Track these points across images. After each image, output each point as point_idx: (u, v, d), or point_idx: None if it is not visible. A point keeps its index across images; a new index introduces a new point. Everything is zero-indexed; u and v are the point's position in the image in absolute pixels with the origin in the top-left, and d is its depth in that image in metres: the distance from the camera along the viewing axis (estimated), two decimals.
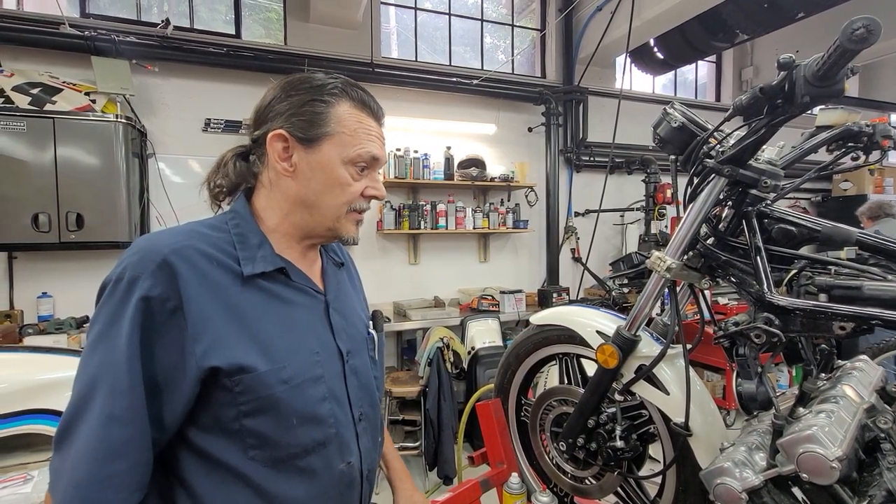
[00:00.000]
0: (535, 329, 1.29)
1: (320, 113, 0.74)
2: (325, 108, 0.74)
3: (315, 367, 0.74)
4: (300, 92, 0.75)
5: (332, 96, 0.75)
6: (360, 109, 0.76)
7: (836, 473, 0.66)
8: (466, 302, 4.00)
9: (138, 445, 0.62)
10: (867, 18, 0.62)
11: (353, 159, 0.75)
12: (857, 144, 0.99)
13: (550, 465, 1.28)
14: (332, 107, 0.74)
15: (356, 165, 0.76)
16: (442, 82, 4.04)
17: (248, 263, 0.72)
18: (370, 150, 0.76)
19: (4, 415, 1.41)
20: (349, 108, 0.75)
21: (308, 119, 0.73)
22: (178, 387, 0.64)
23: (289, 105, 0.74)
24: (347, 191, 0.76)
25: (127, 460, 0.61)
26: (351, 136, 0.75)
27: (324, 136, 0.74)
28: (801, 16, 3.75)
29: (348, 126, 0.75)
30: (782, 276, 0.87)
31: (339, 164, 0.75)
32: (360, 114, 0.76)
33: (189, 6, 3.63)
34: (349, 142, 0.75)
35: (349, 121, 0.75)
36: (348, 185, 0.76)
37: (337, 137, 0.74)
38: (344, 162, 0.75)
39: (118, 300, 0.63)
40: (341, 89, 0.75)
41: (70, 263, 3.11)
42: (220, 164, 0.81)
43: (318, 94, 0.74)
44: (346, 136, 0.74)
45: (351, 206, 0.78)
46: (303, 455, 0.72)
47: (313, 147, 0.74)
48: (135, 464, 0.62)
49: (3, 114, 2.66)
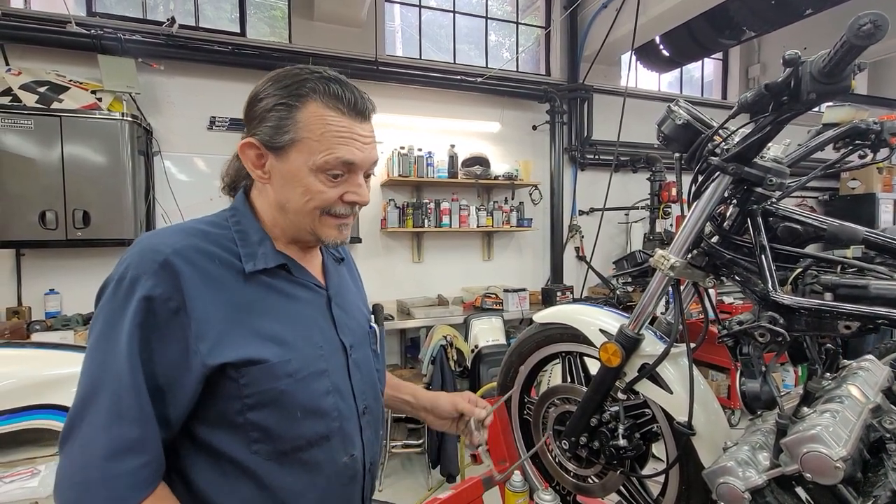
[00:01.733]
0: (539, 327, 1.29)
1: (286, 118, 0.69)
2: (291, 112, 0.69)
3: (319, 360, 0.75)
4: (270, 94, 0.70)
5: (300, 97, 0.69)
6: (331, 108, 0.69)
7: (839, 473, 0.65)
8: (470, 300, 4.00)
9: (148, 443, 0.63)
10: (874, 14, 0.62)
11: (321, 167, 0.69)
12: (864, 142, 0.98)
13: (553, 464, 1.27)
14: (298, 110, 0.69)
15: (326, 172, 0.70)
16: (446, 80, 4.04)
17: (250, 260, 0.72)
18: (340, 155, 0.69)
19: (12, 410, 1.43)
20: (318, 109, 0.69)
21: (274, 125, 0.69)
22: (182, 385, 0.65)
23: (259, 110, 0.71)
24: (318, 197, 0.71)
25: (138, 457, 0.62)
26: (318, 141, 0.69)
27: (290, 143, 0.69)
28: (809, 12, 3.71)
29: (314, 130, 0.69)
30: (787, 275, 0.87)
31: (306, 172, 0.70)
32: (330, 113, 0.69)
33: (194, 5, 3.64)
34: (315, 148, 0.69)
35: (315, 124, 0.69)
36: (319, 192, 0.71)
37: (303, 144, 0.69)
38: (311, 170, 0.69)
39: (120, 300, 0.63)
40: (311, 87, 0.69)
41: (77, 260, 3.14)
42: (227, 162, 0.84)
43: (285, 95, 0.69)
44: (313, 142, 0.69)
45: (325, 211, 0.73)
46: (306, 448, 0.72)
47: (281, 155, 0.70)
48: (147, 461, 0.62)
49: (11, 112, 2.69)
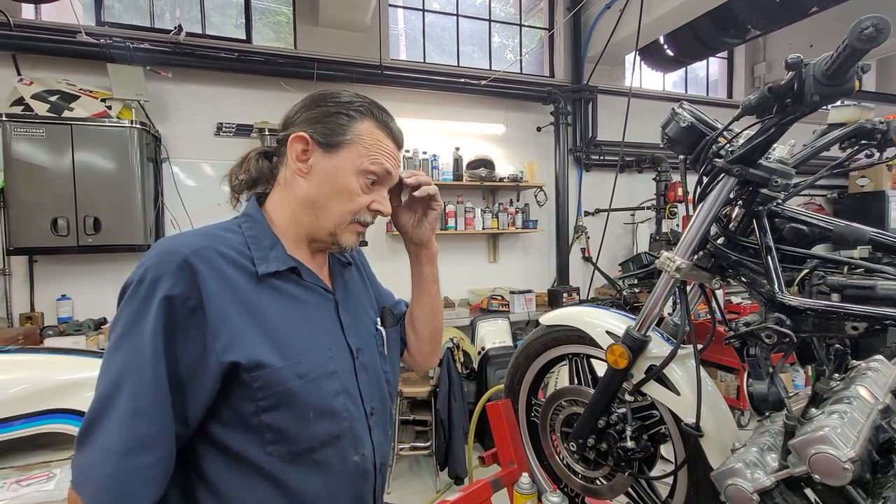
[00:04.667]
0: (545, 329, 1.29)
1: (343, 124, 0.78)
2: (349, 122, 0.78)
3: (329, 362, 0.77)
4: (328, 104, 0.79)
5: (358, 112, 0.79)
6: (381, 129, 0.81)
7: (848, 475, 0.65)
8: (476, 302, 4.00)
9: (164, 439, 0.64)
10: (876, 17, 0.62)
11: (367, 170, 0.79)
12: (870, 142, 0.98)
13: (561, 466, 1.28)
14: (356, 121, 0.79)
15: (367, 177, 0.79)
16: (450, 83, 4.05)
17: (262, 263, 0.75)
18: (384, 163, 0.80)
19: (27, 414, 1.45)
20: (371, 126, 0.80)
21: (331, 128, 0.78)
22: (200, 382, 0.67)
23: (316, 114, 0.79)
24: (355, 200, 0.79)
25: (153, 454, 0.63)
26: (367, 148, 0.79)
27: (343, 143, 0.78)
28: (815, 10, 3.68)
29: (366, 140, 0.79)
30: (794, 276, 0.87)
31: (351, 172, 0.78)
32: (380, 133, 0.80)
33: (201, 12, 3.68)
34: (365, 153, 0.78)
35: (369, 135, 0.79)
36: (357, 194, 0.79)
37: (355, 148, 0.78)
38: (357, 171, 0.78)
39: (141, 300, 0.65)
40: (367, 108, 0.80)
41: (88, 266, 3.18)
42: (243, 160, 0.85)
43: (344, 108, 0.79)
44: (363, 148, 0.78)
45: (354, 217, 0.81)
46: (319, 448, 0.74)
47: (331, 152, 0.78)
48: (160, 457, 0.64)
49: (23, 121, 2.73)
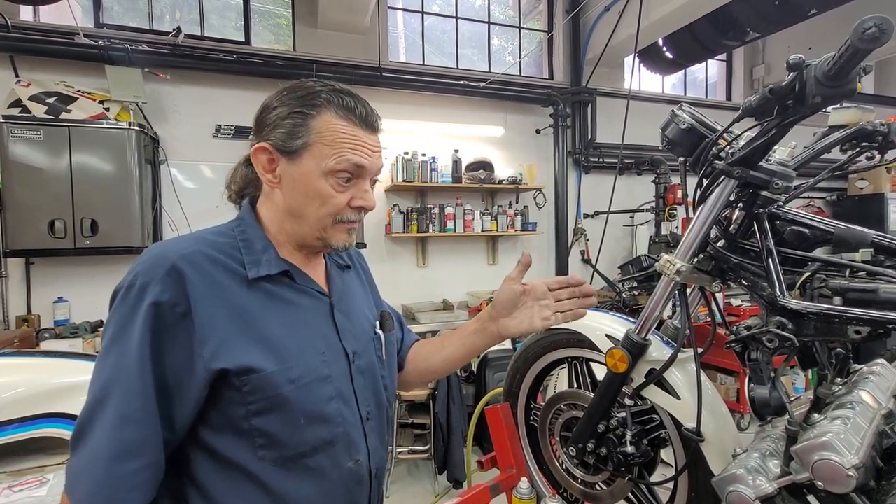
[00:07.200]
0: (545, 332, 1.28)
1: (300, 124, 0.72)
2: (305, 120, 0.72)
3: (322, 367, 0.75)
4: (285, 103, 0.74)
5: (314, 107, 0.73)
6: (344, 118, 0.73)
7: (852, 482, 0.64)
8: (475, 304, 3.99)
9: (151, 446, 0.64)
10: (879, 18, 0.61)
11: (333, 169, 0.72)
12: (871, 144, 0.97)
13: (560, 471, 1.26)
14: (313, 118, 0.72)
15: (337, 176, 0.73)
16: (449, 85, 4.05)
17: (254, 267, 0.74)
18: (350, 158, 0.73)
19: (21, 418, 1.44)
20: (331, 118, 0.73)
21: (288, 131, 0.72)
22: (188, 388, 0.66)
23: (274, 117, 0.74)
24: (330, 203, 0.74)
25: (140, 460, 0.63)
26: (329, 145, 0.72)
27: (303, 147, 0.72)
28: (814, 12, 3.69)
29: (327, 136, 0.72)
30: (795, 279, 0.86)
31: (318, 175, 0.72)
32: (342, 123, 0.73)
33: (200, 14, 3.68)
34: (327, 152, 0.72)
35: (329, 131, 0.72)
36: (330, 196, 0.74)
37: (316, 148, 0.72)
38: (324, 173, 0.72)
39: (130, 306, 0.65)
40: (325, 98, 0.73)
41: (85, 269, 3.17)
42: (234, 169, 0.85)
43: (300, 104, 0.73)
44: (325, 147, 0.72)
45: (336, 219, 0.76)
46: (311, 454, 0.73)
47: (294, 159, 0.73)
48: (148, 463, 0.64)
49: (20, 123, 2.73)
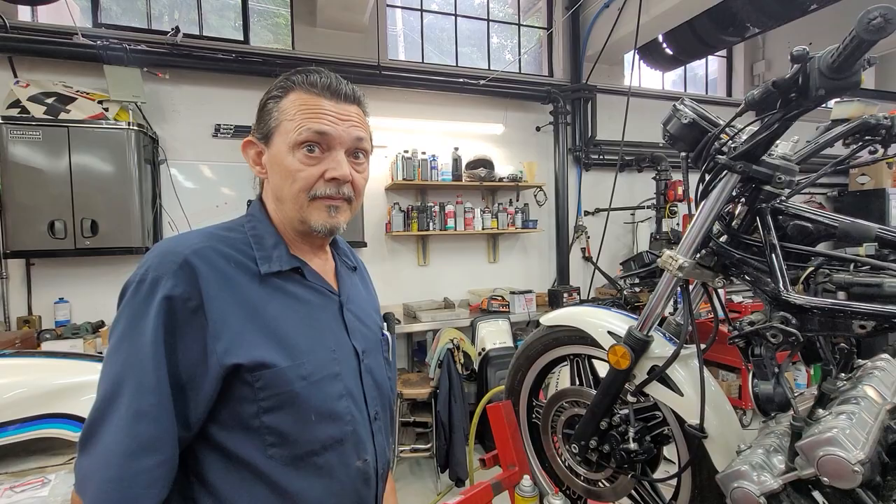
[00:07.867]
0: (546, 330, 1.28)
1: (271, 110, 0.75)
2: (275, 105, 0.75)
3: (332, 364, 0.75)
4: (264, 99, 0.77)
5: (282, 90, 0.75)
6: (307, 92, 0.74)
7: (858, 477, 0.64)
8: (476, 303, 3.99)
9: (166, 442, 0.63)
10: (885, 7, 0.61)
11: (296, 142, 0.72)
12: (874, 138, 0.97)
13: (563, 468, 1.26)
14: (280, 101, 0.75)
15: (302, 148, 0.73)
16: (449, 83, 4.04)
17: (265, 262, 0.74)
18: (311, 126, 0.72)
19: (23, 419, 1.43)
20: (295, 96, 0.74)
21: (264, 120, 0.76)
22: (201, 384, 0.65)
23: (259, 110, 0.78)
24: (299, 178, 0.73)
25: (156, 456, 0.62)
26: (291, 120, 0.73)
27: (274, 129, 0.75)
28: (814, 7, 3.67)
29: (290, 112, 0.73)
30: (799, 274, 0.85)
31: (286, 152, 0.73)
32: (306, 96, 0.74)
33: (198, 14, 3.67)
34: (290, 126, 0.73)
35: (293, 107, 0.73)
36: (298, 171, 0.73)
37: (282, 126, 0.74)
38: (290, 148, 0.73)
39: (141, 300, 0.64)
40: (293, 80, 0.75)
41: (85, 269, 3.17)
42: None
43: (270, 94, 0.76)
44: (289, 122, 0.73)
45: (311, 194, 0.74)
46: (321, 452, 0.73)
47: (270, 143, 0.76)
48: (164, 460, 0.63)
49: (19, 123, 2.72)
